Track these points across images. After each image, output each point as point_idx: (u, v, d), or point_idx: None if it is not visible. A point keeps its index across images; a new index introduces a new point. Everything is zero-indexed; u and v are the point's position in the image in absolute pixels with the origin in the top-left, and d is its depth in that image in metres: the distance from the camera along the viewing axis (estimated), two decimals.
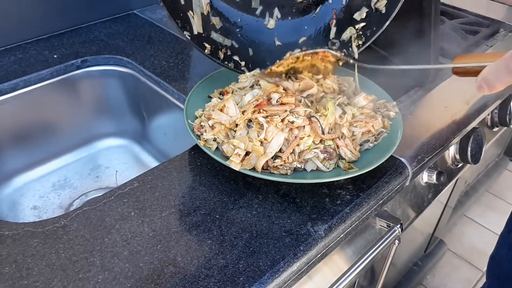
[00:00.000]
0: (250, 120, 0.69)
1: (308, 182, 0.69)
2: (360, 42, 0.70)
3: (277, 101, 0.69)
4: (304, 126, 0.68)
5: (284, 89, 0.72)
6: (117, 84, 1.05)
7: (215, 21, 0.75)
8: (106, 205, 0.65)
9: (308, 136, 0.68)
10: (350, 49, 0.70)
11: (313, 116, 0.69)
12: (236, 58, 0.73)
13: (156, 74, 0.97)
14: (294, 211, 0.66)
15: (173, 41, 1.10)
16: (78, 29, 1.11)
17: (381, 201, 0.70)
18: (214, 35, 0.75)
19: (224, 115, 0.70)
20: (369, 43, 0.69)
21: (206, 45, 0.72)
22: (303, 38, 0.75)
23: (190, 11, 0.73)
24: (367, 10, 0.69)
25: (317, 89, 0.76)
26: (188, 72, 0.99)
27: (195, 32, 0.72)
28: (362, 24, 0.70)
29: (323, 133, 0.68)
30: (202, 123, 0.74)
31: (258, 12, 0.77)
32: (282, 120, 0.67)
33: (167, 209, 0.65)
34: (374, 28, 0.68)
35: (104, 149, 1.09)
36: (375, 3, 0.68)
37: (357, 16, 0.71)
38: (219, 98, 0.79)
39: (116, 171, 1.02)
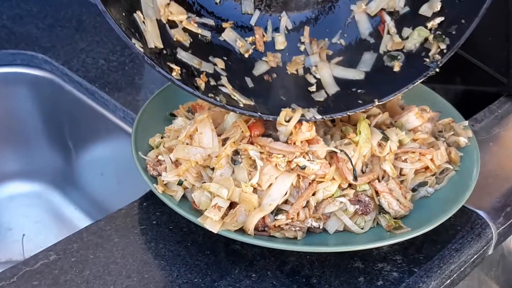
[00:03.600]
0: (236, 152, 0.69)
1: (331, 251, 0.68)
2: (444, 46, 0.69)
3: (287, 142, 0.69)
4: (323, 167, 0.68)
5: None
6: (27, 96, 1.05)
7: (181, 36, 0.72)
8: None
9: (331, 180, 0.69)
10: (427, 60, 0.70)
11: (341, 150, 0.69)
12: (226, 90, 0.70)
13: (90, 79, 0.98)
14: None
15: None
16: None
17: (449, 281, 0.70)
18: (183, 55, 0.71)
19: (193, 147, 0.70)
20: (459, 44, 0.68)
21: (173, 66, 0.67)
22: (337, 59, 0.75)
23: (138, 12, 0.68)
24: None
25: None
26: (140, 76, 1.00)
27: (151, 46, 0.68)
28: (439, 20, 0.70)
29: (355, 177, 0.69)
30: (160, 157, 0.73)
31: (253, 21, 0.77)
32: (288, 162, 0.67)
33: None
34: (463, 21, 0.67)
35: (5, 200, 1.08)
36: None
37: (426, 11, 0.71)
38: (187, 117, 0.80)
39: (23, 234, 1.02)
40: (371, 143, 0.71)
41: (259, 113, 0.68)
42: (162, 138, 0.77)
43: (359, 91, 0.72)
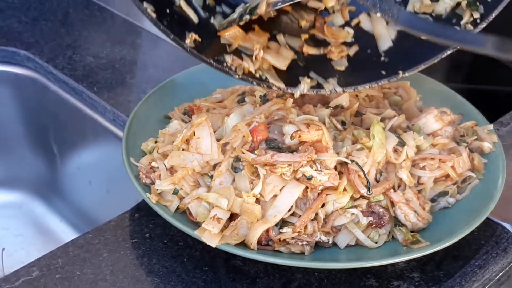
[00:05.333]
0: (237, 159, 0.69)
1: (342, 268, 0.68)
2: (477, 15, 0.68)
3: (292, 137, 0.70)
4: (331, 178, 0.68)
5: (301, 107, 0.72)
6: (8, 96, 1.06)
7: None
8: None
9: (342, 192, 0.68)
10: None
11: (352, 160, 0.69)
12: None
13: (76, 78, 0.98)
14: None
15: (107, 20, 1.12)
16: None
17: None
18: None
19: (190, 154, 0.70)
20: (494, 14, 0.67)
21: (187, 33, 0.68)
22: (356, 21, 0.75)
23: None
24: None
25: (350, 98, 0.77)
26: (132, 75, 1.00)
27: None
28: None
29: (369, 189, 0.69)
30: (153, 164, 0.73)
31: None
32: (294, 171, 0.67)
33: None
34: None
35: None
36: None
37: None
38: (184, 120, 0.80)
39: (3, 249, 1.02)
40: (385, 149, 0.71)
41: (275, 85, 0.69)
42: (156, 142, 0.78)
43: (382, 59, 0.72)
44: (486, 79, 0.99)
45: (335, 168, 0.69)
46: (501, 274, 0.72)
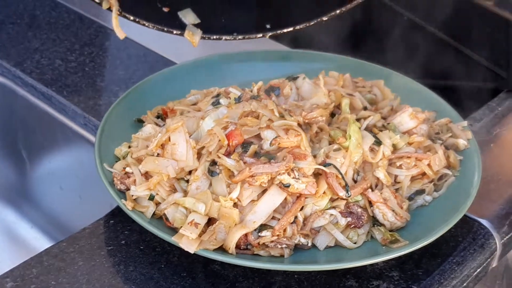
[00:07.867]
0: (214, 162, 0.69)
1: (321, 269, 0.68)
2: None
3: (271, 144, 0.70)
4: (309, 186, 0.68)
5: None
6: None
7: None
8: None
9: (321, 196, 0.68)
10: None
11: (329, 164, 0.69)
12: None
13: (45, 82, 0.97)
14: None
15: (75, 22, 1.11)
16: None
17: None
18: None
19: (165, 159, 0.70)
20: None
21: None
22: None
23: None
24: None
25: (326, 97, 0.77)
26: (102, 78, 0.99)
27: None
28: None
29: (347, 191, 0.69)
30: (128, 169, 0.73)
31: None
32: (272, 178, 0.67)
33: None
34: None
35: None
36: None
37: None
38: (157, 124, 0.79)
39: None
40: (362, 148, 0.71)
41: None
42: (129, 147, 0.77)
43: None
44: (457, 75, 0.99)
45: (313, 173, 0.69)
46: (478, 270, 0.73)
